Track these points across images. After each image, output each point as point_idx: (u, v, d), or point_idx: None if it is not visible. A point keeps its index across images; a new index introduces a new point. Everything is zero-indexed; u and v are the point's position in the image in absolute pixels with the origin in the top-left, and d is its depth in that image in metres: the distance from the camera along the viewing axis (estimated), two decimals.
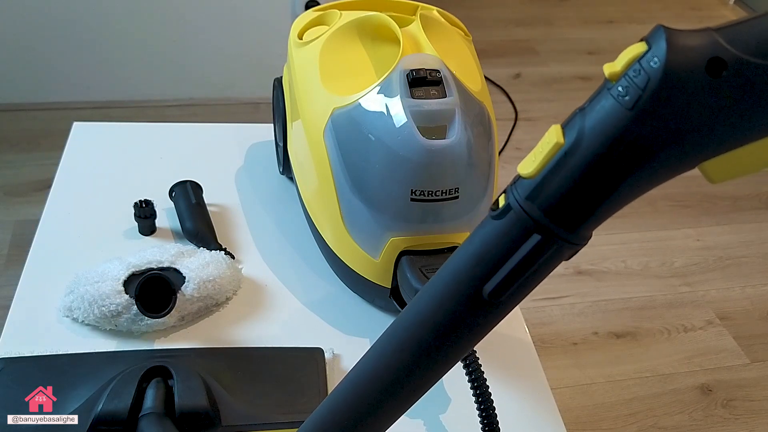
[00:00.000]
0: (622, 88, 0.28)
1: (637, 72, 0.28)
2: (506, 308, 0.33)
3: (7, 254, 1.66)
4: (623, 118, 0.28)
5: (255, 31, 2.10)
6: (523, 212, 0.31)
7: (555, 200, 0.30)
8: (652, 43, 0.28)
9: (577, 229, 0.31)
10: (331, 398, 0.39)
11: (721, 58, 0.27)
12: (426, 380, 0.37)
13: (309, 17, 0.73)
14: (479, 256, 0.33)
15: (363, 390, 0.37)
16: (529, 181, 0.31)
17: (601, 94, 0.29)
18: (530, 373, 0.64)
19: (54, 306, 0.64)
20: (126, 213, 0.73)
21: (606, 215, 0.31)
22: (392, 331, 0.36)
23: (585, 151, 0.29)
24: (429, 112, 0.59)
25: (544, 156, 0.30)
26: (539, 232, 0.31)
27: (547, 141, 0.31)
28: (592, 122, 0.29)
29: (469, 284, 0.33)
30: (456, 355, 0.36)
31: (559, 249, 0.31)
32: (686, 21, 3.04)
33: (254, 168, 0.85)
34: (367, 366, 0.37)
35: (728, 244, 1.91)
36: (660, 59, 0.28)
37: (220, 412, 0.55)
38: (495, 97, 2.37)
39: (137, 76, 2.13)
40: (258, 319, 0.66)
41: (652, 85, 0.28)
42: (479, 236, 0.33)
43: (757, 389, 1.54)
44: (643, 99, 0.28)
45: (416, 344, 0.35)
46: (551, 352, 1.58)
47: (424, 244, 0.62)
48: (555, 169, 0.30)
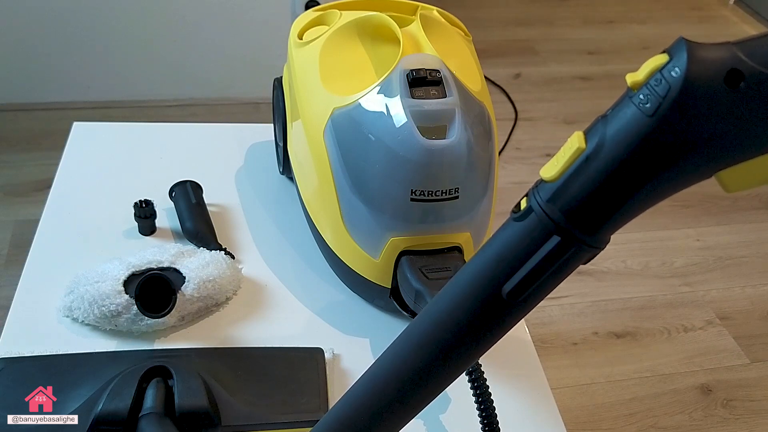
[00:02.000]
0: (644, 96, 0.29)
1: (659, 81, 0.29)
2: (525, 309, 0.34)
3: (7, 254, 1.66)
4: (644, 125, 0.29)
5: (255, 31, 2.10)
6: (544, 214, 0.32)
7: (575, 203, 0.31)
8: (673, 54, 0.29)
9: (596, 232, 0.32)
10: (347, 396, 0.40)
11: (740, 70, 0.28)
12: (444, 379, 0.37)
13: (309, 17, 0.73)
14: (500, 256, 0.34)
15: (381, 388, 0.38)
16: (551, 185, 0.32)
17: (623, 102, 0.30)
18: (530, 373, 0.64)
19: (54, 306, 0.64)
20: (126, 213, 0.73)
21: (625, 220, 0.31)
22: (411, 329, 0.37)
23: (606, 156, 0.30)
24: (429, 112, 0.59)
25: (566, 160, 0.31)
26: (559, 234, 0.32)
27: (570, 146, 0.32)
28: (613, 129, 0.30)
29: (489, 284, 0.34)
30: (474, 354, 0.36)
31: (577, 251, 0.32)
32: (686, 21, 3.04)
33: (254, 168, 0.85)
34: (385, 365, 0.38)
35: (728, 244, 1.91)
36: (681, 69, 0.28)
37: (220, 412, 0.55)
38: (495, 97, 2.37)
39: (137, 76, 2.13)
40: (258, 319, 0.66)
41: (673, 93, 0.28)
42: (500, 237, 0.34)
43: (757, 389, 1.54)
44: (663, 107, 0.29)
45: (435, 343, 0.36)
46: (551, 352, 1.58)
47: (424, 244, 0.62)
48: (576, 173, 0.31)
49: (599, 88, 2.47)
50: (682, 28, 2.97)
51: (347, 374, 0.61)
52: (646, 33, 2.90)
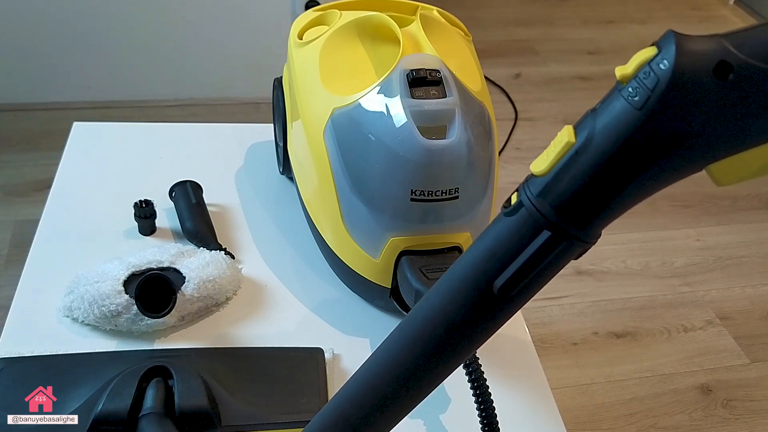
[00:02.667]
0: (632, 89, 0.29)
1: (647, 74, 0.29)
2: (516, 304, 0.34)
3: (7, 254, 1.66)
4: (633, 118, 0.29)
5: (255, 31, 2.10)
6: (534, 209, 0.32)
7: (565, 198, 0.31)
8: (662, 47, 0.29)
9: (587, 227, 0.31)
10: (340, 394, 0.39)
11: (728, 62, 0.28)
12: (436, 375, 0.37)
13: (309, 17, 0.73)
14: (491, 251, 0.33)
15: (373, 385, 0.38)
16: (541, 179, 0.32)
17: (612, 96, 0.30)
18: (530, 373, 0.64)
19: (54, 306, 0.64)
20: (126, 213, 0.73)
21: (615, 214, 0.31)
22: (403, 325, 0.37)
23: (595, 149, 0.30)
24: (429, 112, 0.59)
25: (555, 154, 0.31)
26: (549, 229, 0.31)
27: (559, 140, 0.31)
28: (602, 122, 0.30)
29: (480, 279, 0.34)
30: (466, 350, 0.36)
31: (568, 246, 0.32)
32: (686, 21, 3.04)
33: (254, 168, 0.85)
34: (377, 361, 0.38)
35: (728, 244, 1.91)
36: (669, 62, 0.28)
37: (220, 412, 0.55)
38: (495, 97, 2.37)
39: (137, 76, 2.13)
40: (258, 319, 0.66)
41: (661, 86, 0.28)
42: (491, 232, 0.34)
43: (757, 389, 1.54)
44: (652, 99, 0.28)
45: (427, 339, 0.36)
46: (551, 352, 1.58)
47: (424, 244, 0.62)
48: (566, 167, 0.31)
49: (599, 88, 2.47)
50: (682, 28, 2.90)
51: (347, 374, 0.61)
52: (646, 33, 2.89)
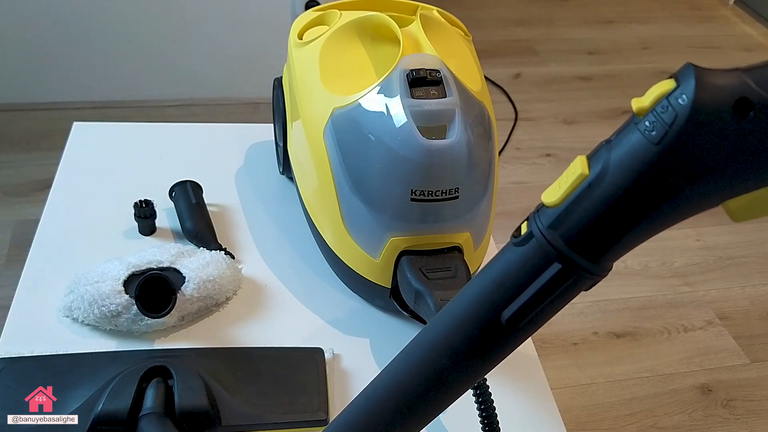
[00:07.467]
0: (650, 123, 0.28)
1: (665, 108, 0.28)
2: (523, 335, 0.34)
3: (7, 254, 1.66)
4: (649, 152, 0.28)
5: (255, 31, 2.10)
6: (545, 241, 0.31)
7: (577, 231, 0.30)
8: (681, 81, 0.28)
9: (598, 260, 0.31)
10: (343, 416, 0.39)
11: (749, 99, 0.27)
12: (439, 403, 0.37)
13: (309, 17, 0.73)
14: (499, 281, 0.33)
15: (377, 410, 0.37)
16: (553, 210, 0.31)
17: (628, 128, 0.29)
18: (530, 373, 0.64)
19: (54, 306, 0.64)
20: (126, 213, 0.73)
21: (627, 248, 0.31)
22: (409, 351, 0.36)
23: (610, 183, 0.29)
24: (429, 112, 0.59)
25: (568, 186, 0.31)
26: (560, 262, 0.31)
27: (572, 171, 0.31)
28: (618, 155, 0.29)
29: (487, 309, 0.33)
30: (470, 380, 0.36)
31: (578, 279, 0.31)
32: (686, 21, 3.04)
33: (254, 168, 0.85)
34: (381, 386, 0.37)
35: (728, 244, 1.91)
36: (688, 97, 0.28)
37: (220, 412, 0.55)
38: (495, 97, 2.37)
39: (137, 76, 2.13)
40: (258, 319, 0.66)
41: (680, 121, 0.28)
42: (500, 262, 0.33)
43: (757, 389, 1.54)
44: (670, 135, 0.28)
45: (432, 367, 0.35)
46: (551, 352, 1.58)
47: (424, 244, 0.62)
48: (579, 199, 0.30)
49: (599, 88, 2.47)
50: (682, 28, 2.97)
51: (347, 374, 0.62)
52: (646, 33, 2.90)
